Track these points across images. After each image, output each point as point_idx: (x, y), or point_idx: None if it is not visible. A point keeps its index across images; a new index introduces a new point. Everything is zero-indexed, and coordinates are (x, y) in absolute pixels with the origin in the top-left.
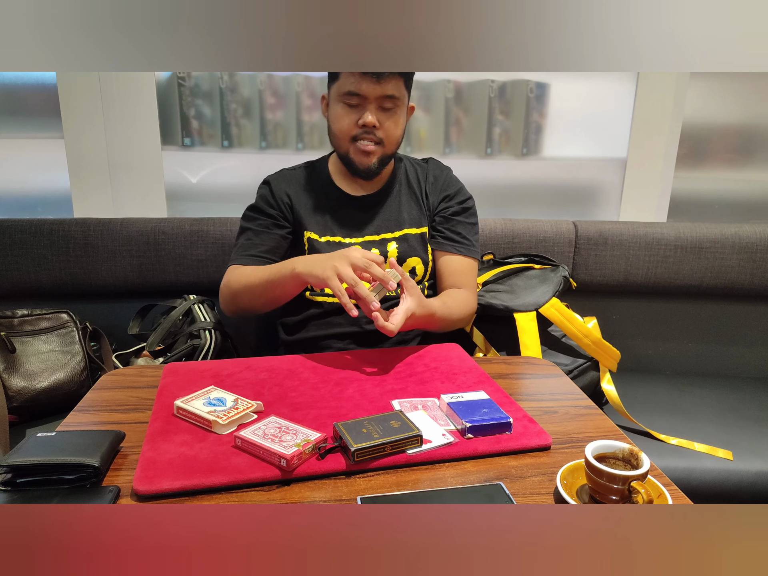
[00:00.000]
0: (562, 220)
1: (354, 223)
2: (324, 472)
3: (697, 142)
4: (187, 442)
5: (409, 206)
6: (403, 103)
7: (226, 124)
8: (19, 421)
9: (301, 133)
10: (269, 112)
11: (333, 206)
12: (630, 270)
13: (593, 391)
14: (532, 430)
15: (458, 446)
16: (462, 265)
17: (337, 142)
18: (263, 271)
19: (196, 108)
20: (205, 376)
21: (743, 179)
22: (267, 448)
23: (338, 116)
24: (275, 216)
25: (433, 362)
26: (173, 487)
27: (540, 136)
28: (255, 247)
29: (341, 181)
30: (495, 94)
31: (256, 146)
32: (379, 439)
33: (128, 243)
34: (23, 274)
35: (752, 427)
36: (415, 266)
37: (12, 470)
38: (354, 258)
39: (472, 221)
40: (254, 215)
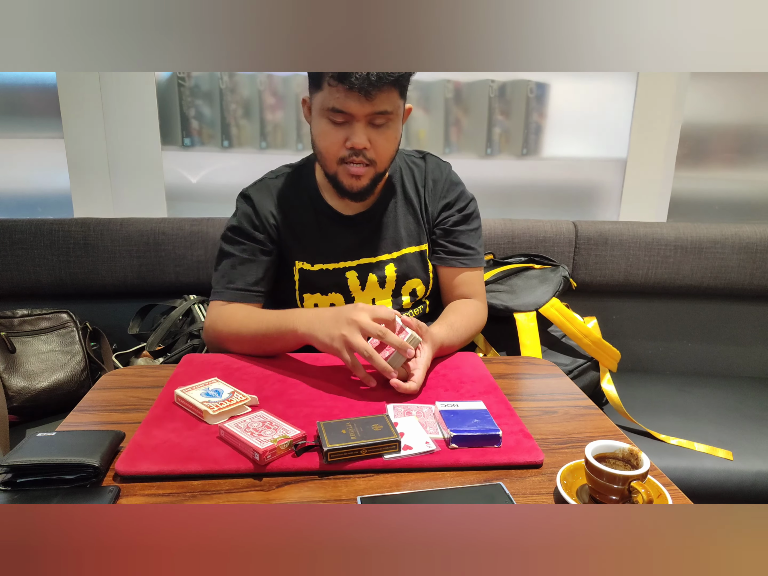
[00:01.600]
0: (562, 220)
1: (347, 246)
2: (297, 470)
3: (697, 142)
4: (177, 430)
5: (406, 221)
6: (397, 114)
7: (225, 125)
8: (19, 421)
9: (300, 134)
10: (269, 112)
11: (323, 227)
12: (630, 270)
13: (593, 391)
14: (524, 446)
15: (439, 455)
16: (468, 276)
17: (324, 161)
18: (258, 323)
19: (196, 108)
20: (217, 368)
21: (743, 179)
22: (244, 441)
23: (323, 134)
24: (262, 241)
25: (443, 369)
26: (150, 470)
27: (540, 136)
28: (241, 278)
29: (330, 197)
30: (495, 94)
31: (256, 146)
32: (355, 441)
33: (128, 243)
34: (23, 274)
35: (752, 427)
36: (415, 287)
37: (12, 470)
38: (365, 325)
39: (475, 226)
40: (238, 239)
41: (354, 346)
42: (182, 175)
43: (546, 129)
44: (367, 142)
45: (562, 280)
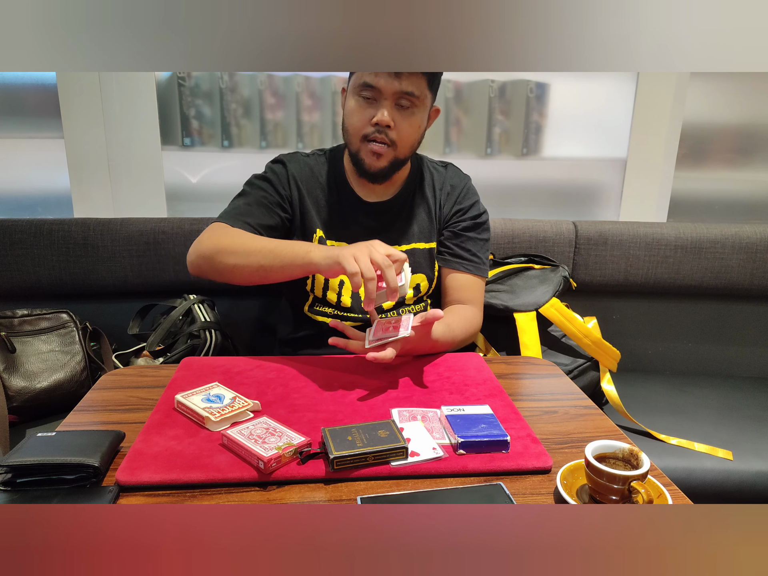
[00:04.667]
0: (562, 220)
1: (362, 230)
2: (303, 478)
3: (697, 142)
4: (178, 437)
5: (420, 218)
6: (423, 103)
7: (226, 124)
8: (19, 421)
9: (301, 133)
10: (269, 112)
11: (344, 208)
12: (630, 270)
13: (593, 391)
14: (533, 451)
15: (447, 462)
16: (469, 281)
17: (349, 138)
18: (267, 240)
19: (196, 108)
20: (217, 372)
21: (743, 179)
22: (248, 449)
23: (351, 111)
24: (284, 197)
25: (447, 371)
26: (152, 480)
27: (540, 136)
28: (252, 216)
29: (355, 182)
30: (495, 94)
31: (256, 146)
32: (361, 449)
33: (128, 243)
34: (23, 274)
35: (752, 427)
36: (420, 283)
37: (12, 470)
38: (376, 251)
39: (484, 237)
40: (262, 185)
41: (359, 262)
42: (182, 175)
43: (546, 129)
44: (390, 120)
45: (562, 280)
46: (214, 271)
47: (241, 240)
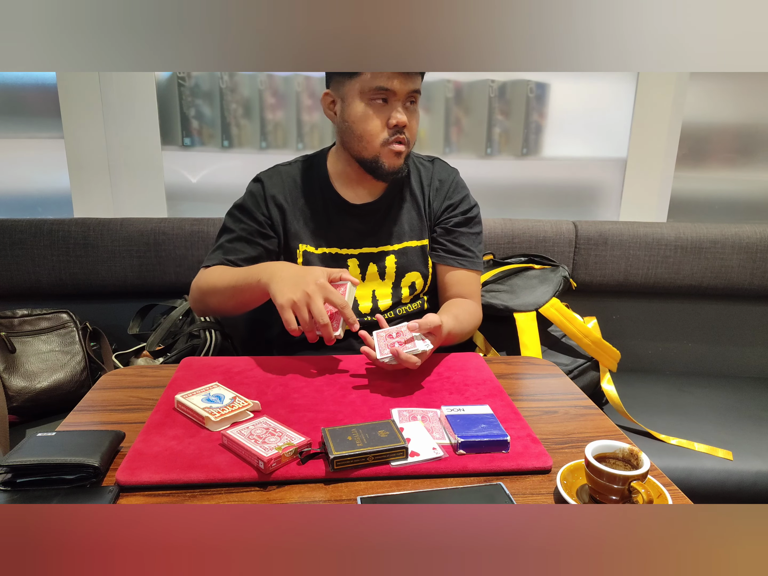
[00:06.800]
0: (562, 220)
1: (351, 234)
2: (303, 478)
3: (697, 142)
4: (178, 437)
5: (410, 216)
6: (419, 99)
7: (226, 124)
8: (19, 421)
9: (301, 133)
10: (269, 112)
11: (330, 214)
12: (630, 270)
13: (593, 391)
14: (533, 451)
15: (447, 462)
16: (465, 276)
17: (363, 145)
18: (231, 274)
19: (196, 108)
20: (217, 372)
21: (743, 179)
22: (248, 449)
23: (365, 117)
24: (262, 223)
25: (447, 371)
26: (152, 480)
27: (540, 136)
28: (234, 253)
29: (340, 186)
30: (495, 94)
31: (256, 146)
32: (361, 449)
33: (128, 243)
34: (23, 274)
35: (752, 427)
36: (415, 281)
37: (12, 470)
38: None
39: (476, 231)
40: (240, 216)
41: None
42: (182, 175)
43: (546, 129)
44: (407, 120)
45: (562, 280)
46: (211, 312)
47: (215, 280)
